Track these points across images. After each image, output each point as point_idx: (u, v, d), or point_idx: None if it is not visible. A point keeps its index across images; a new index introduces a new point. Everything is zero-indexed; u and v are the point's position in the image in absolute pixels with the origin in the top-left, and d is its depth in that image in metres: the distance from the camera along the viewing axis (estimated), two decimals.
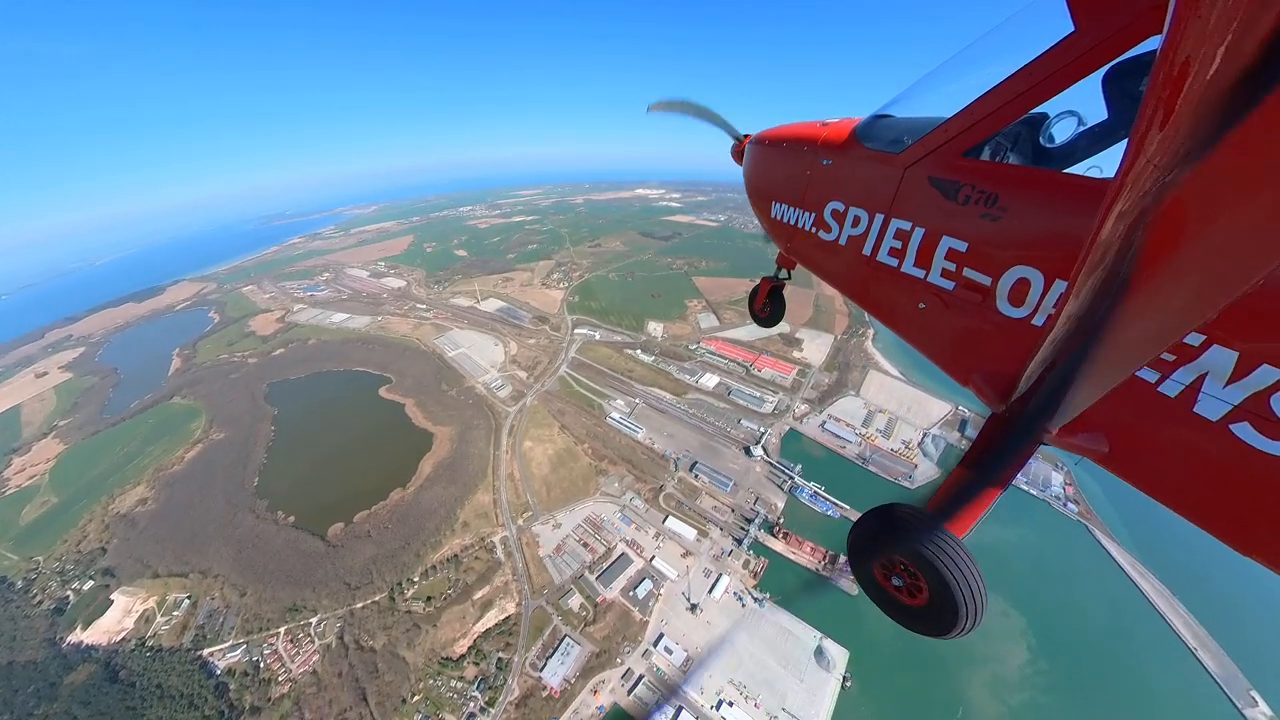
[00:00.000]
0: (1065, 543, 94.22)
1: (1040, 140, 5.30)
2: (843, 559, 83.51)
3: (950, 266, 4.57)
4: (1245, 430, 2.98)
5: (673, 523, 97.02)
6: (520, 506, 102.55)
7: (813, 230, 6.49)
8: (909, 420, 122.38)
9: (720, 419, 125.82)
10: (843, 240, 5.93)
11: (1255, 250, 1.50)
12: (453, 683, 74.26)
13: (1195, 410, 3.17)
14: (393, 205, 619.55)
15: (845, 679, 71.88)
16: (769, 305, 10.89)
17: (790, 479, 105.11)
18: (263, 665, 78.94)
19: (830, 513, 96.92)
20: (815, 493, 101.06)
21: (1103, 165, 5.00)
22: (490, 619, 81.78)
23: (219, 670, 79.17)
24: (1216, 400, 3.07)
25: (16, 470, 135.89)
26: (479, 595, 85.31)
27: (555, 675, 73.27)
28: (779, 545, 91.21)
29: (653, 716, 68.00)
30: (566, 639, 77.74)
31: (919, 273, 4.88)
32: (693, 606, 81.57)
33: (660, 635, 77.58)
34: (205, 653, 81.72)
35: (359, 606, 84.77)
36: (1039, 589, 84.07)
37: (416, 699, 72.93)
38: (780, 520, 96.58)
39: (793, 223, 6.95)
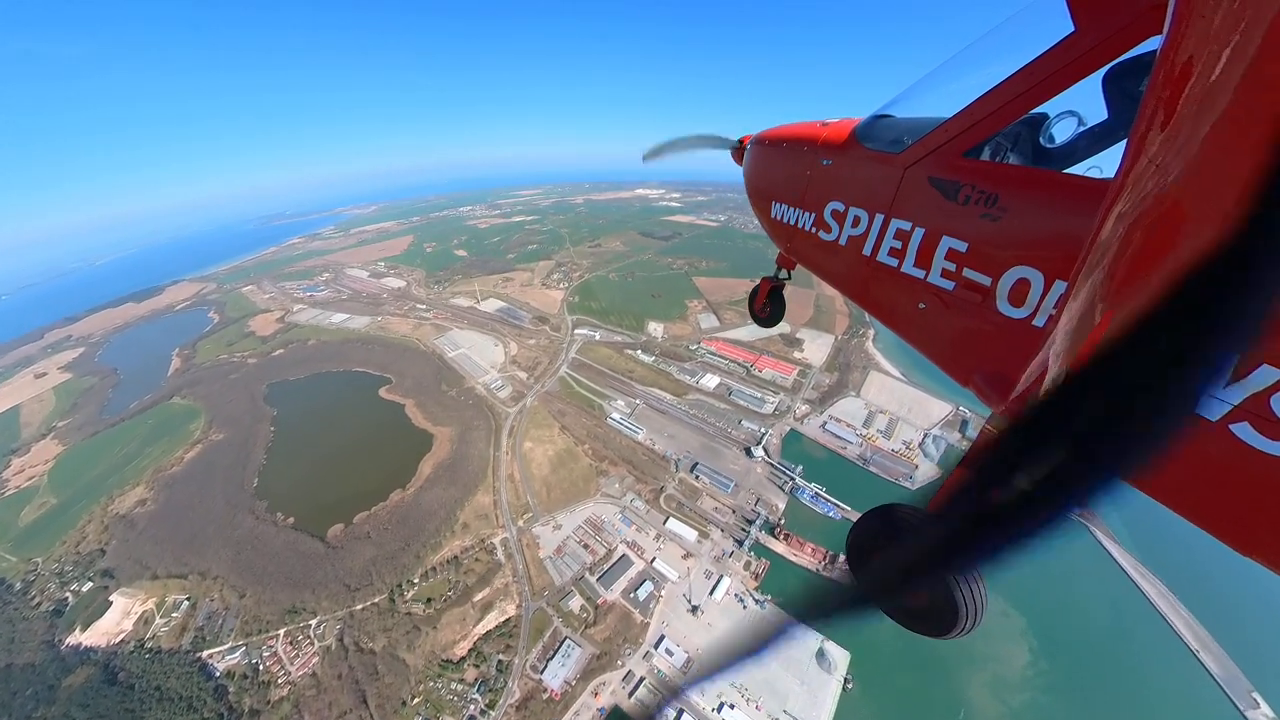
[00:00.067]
0: (1066, 543, 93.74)
1: (1040, 140, 5.29)
2: (842, 559, 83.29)
3: (950, 267, 4.57)
4: (1245, 430, 2.98)
5: (673, 524, 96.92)
6: (520, 508, 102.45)
7: (813, 230, 6.49)
8: (910, 421, 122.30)
9: (721, 420, 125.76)
10: (843, 240, 5.93)
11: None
12: (453, 685, 74.17)
13: (1195, 410, 3.17)
14: (393, 205, 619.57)
15: (846, 680, 71.82)
16: (769, 305, 10.87)
17: (791, 480, 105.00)
18: (262, 667, 78.79)
19: (831, 514, 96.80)
20: (816, 494, 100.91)
21: (1103, 165, 5.00)
22: (490, 621, 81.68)
23: (218, 672, 79.04)
24: (1216, 400, 3.07)
25: (15, 471, 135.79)
26: (479, 597, 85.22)
27: (556, 677, 73.17)
28: (780, 547, 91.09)
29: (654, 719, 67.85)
30: (567, 641, 77.64)
31: (919, 273, 4.87)
32: (694, 608, 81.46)
33: (661, 637, 77.48)
34: (204, 655, 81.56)
35: (359, 608, 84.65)
36: (1039, 589, 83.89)
37: (416, 701, 72.82)
38: (781, 521, 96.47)
39: (793, 223, 6.95)
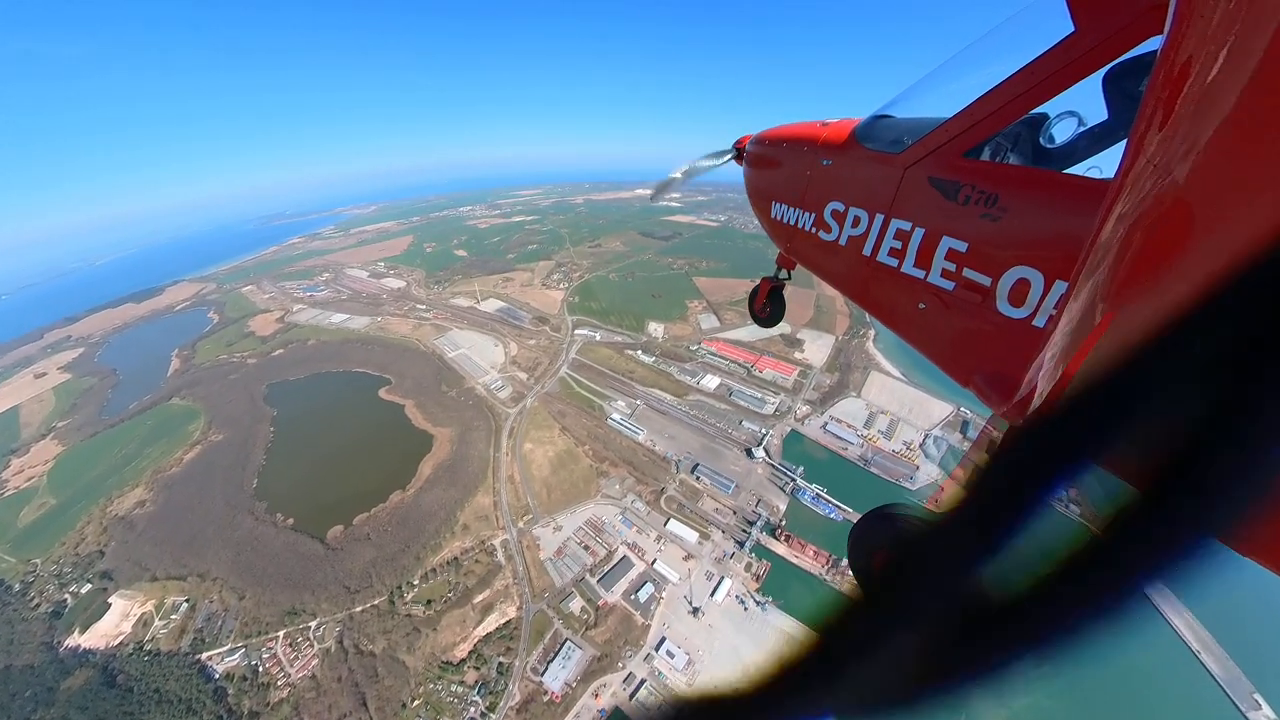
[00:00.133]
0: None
1: (1040, 140, 5.29)
2: (843, 562, 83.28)
3: (950, 267, 4.56)
4: None
5: (674, 525, 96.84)
6: (521, 509, 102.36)
7: (813, 230, 6.48)
8: (911, 421, 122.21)
9: (721, 420, 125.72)
10: (843, 240, 5.93)
11: (1254, 250, 1.48)
12: (453, 687, 74.06)
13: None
14: (392, 205, 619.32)
15: None
16: (769, 306, 10.84)
17: (792, 481, 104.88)
18: (261, 669, 78.67)
19: (832, 515, 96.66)
20: (817, 495, 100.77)
21: (1103, 165, 4.99)
22: (491, 623, 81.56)
23: (217, 674, 78.92)
24: None
25: (15, 472, 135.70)
26: (479, 599, 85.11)
27: (556, 679, 73.05)
28: (781, 548, 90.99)
29: None
30: (568, 643, 77.55)
31: (919, 273, 4.86)
32: (695, 610, 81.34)
33: (662, 639, 77.39)
34: (203, 657, 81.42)
35: (358, 610, 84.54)
36: None
37: (416, 704, 72.70)
38: (782, 523, 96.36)
39: (793, 223, 6.94)
